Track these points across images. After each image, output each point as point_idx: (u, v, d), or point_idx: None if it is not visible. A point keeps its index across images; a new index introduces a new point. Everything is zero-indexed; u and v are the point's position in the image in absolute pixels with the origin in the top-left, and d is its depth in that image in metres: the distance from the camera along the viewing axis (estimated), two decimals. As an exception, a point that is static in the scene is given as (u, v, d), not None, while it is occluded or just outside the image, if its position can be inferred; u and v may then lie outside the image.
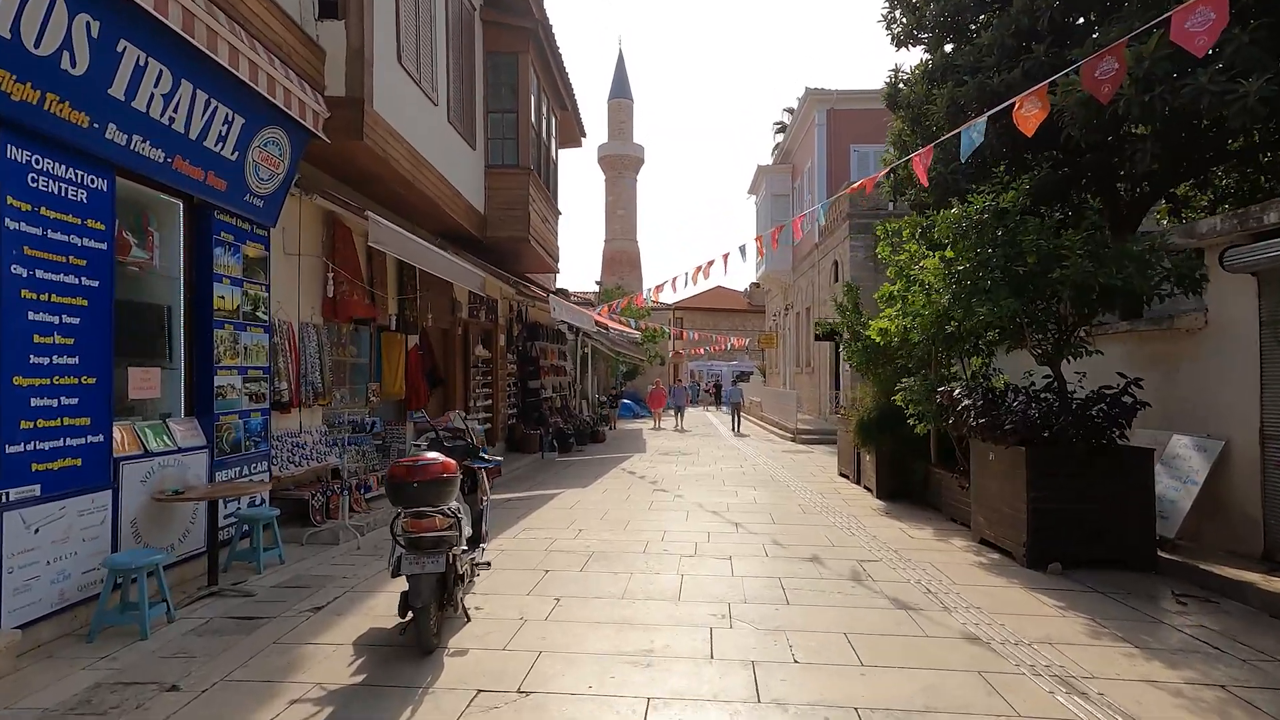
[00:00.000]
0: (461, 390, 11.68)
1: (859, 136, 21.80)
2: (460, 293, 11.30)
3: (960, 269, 5.78)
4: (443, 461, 3.70)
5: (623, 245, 48.06)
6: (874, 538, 6.68)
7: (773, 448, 16.15)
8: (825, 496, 9.16)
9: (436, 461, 3.68)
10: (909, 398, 7.60)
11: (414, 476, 3.59)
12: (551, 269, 14.37)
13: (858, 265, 17.77)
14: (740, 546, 6.31)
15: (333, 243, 7.49)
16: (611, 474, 11.50)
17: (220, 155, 5.32)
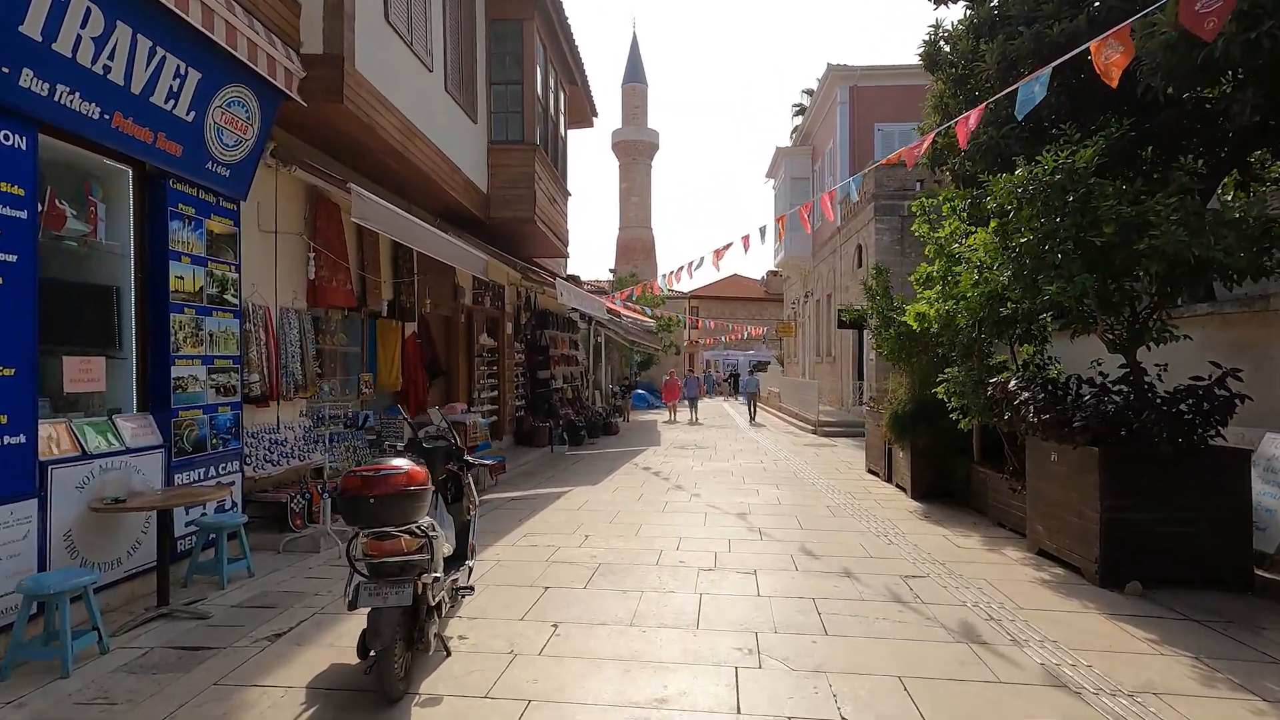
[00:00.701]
0: (465, 381, 11.04)
1: (884, 115, 20.83)
2: (463, 278, 10.64)
3: (1022, 241, 5.00)
4: (408, 471, 3.03)
5: (637, 233, 47.24)
6: (915, 547, 5.95)
7: (793, 440, 15.40)
8: (855, 496, 8.43)
9: (400, 471, 3.01)
10: (952, 390, 6.83)
11: (371, 489, 2.92)
12: (561, 253, 13.67)
13: (884, 249, 16.89)
14: (765, 557, 5.61)
15: (315, 220, 6.84)
16: (623, 470, 10.83)
17: (173, 115, 4.66)
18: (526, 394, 14.35)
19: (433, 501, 3.96)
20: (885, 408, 8.80)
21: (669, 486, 9.17)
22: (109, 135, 4.26)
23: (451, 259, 8.05)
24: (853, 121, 21.02)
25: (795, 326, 28.64)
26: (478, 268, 9.03)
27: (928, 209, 8.30)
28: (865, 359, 18.19)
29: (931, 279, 7.99)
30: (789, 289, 30.98)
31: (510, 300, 13.19)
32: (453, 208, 9.67)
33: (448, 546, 3.63)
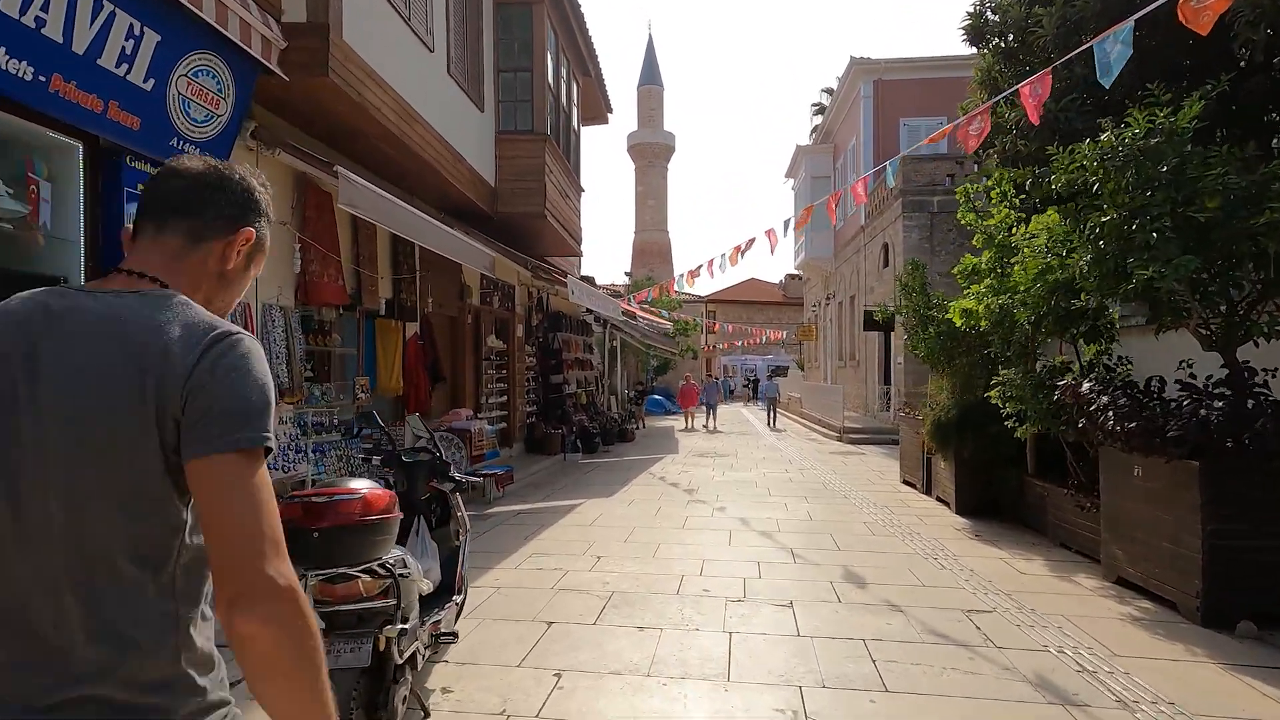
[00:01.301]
0: (472, 385, 10.45)
1: (910, 109, 20.05)
2: (470, 276, 10.07)
3: (1103, 221, 4.28)
4: (366, 496, 2.40)
5: (653, 236, 46.68)
6: (972, 573, 5.23)
7: (818, 448, 14.64)
8: (892, 511, 7.69)
9: (355, 496, 2.38)
10: (1007, 394, 6.10)
11: (317, 519, 2.30)
12: (573, 251, 13.06)
13: (912, 247, 16.10)
14: (802, 585, 4.92)
15: (304, 210, 6.28)
16: (640, 480, 10.17)
17: (127, 82, 4.10)
18: (538, 399, 13.75)
19: (414, 527, 3.34)
20: (925, 414, 8.06)
21: (689, 499, 8.50)
22: (47, 101, 3.69)
23: (454, 254, 7.46)
24: (877, 116, 20.27)
25: (816, 330, 27.83)
26: (484, 264, 8.45)
27: (973, 195, 7.59)
28: (892, 362, 17.39)
29: (979, 272, 7.28)
30: (809, 291, 30.19)
31: (521, 301, 12.61)
32: (458, 201, 9.11)
33: (426, 583, 2.99)
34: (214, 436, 0.84)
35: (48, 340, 0.86)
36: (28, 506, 0.84)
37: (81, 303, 0.89)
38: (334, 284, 6.46)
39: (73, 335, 0.86)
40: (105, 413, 0.84)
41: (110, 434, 0.84)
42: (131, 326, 0.86)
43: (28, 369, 0.85)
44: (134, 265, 0.95)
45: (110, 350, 0.85)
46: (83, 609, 0.84)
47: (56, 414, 0.84)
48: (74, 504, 0.84)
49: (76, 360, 0.85)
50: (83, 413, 0.84)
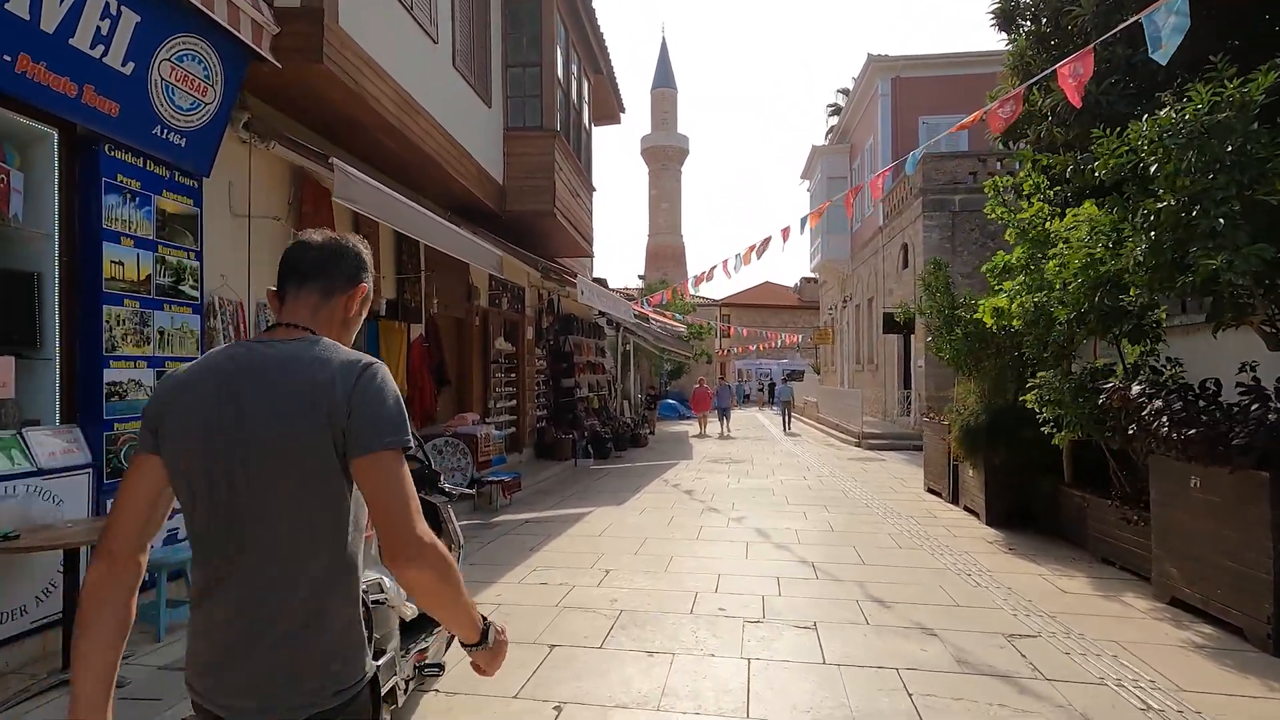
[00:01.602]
0: (479, 389, 10.18)
1: (929, 107, 19.60)
2: (478, 277, 9.81)
3: (1160, 207, 3.89)
4: None
5: (667, 239, 46.37)
6: (1010, 591, 4.83)
7: (835, 454, 14.22)
8: (918, 521, 7.30)
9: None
10: (1045, 397, 5.70)
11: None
12: (584, 252, 12.77)
13: (933, 247, 15.65)
14: (825, 604, 4.56)
15: (301, 205, 6.03)
16: (652, 487, 9.83)
17: (104, 65, 3.85)
18: (549, 403, 13.47)
19: None
20: (952, 419, 7.66)
21: (703, 508, 8.15)
22: (14, 83, 3.45)
23: (460, 253, 7.18)
24: (895, 115, 19.84)
25: (833, 333, 27.36)
26: (491, 264, 8.16)
27: (1002, 189, 7.20)
28: (913, 365, 16.92)
29: (1011, 269, 6.88)
30: (825, 294, 29.72)
31: (531, 303, 12.34)
32: (465, 200, 8.85)
33: (409, 608, 2.68)
34: (371, 440, 1.11)
35: (243, 380, 1.15)
36: (242, 502, 1.14)
37: (263, 351, 1.18)
38: (332, 283, 6.19)
39: (263, 373, 1.14)
40: (293, 424, 1.12)
41: (301, 441, 1.12)
42: (303, 364, 1.15)
43: (234, 401, 1.14)
44: (289, 319, 1.24)
45: (291, 382, 1.13)
46: (279, 568, 1.15)
47: (259, 428, 1.13)
48: (275, 492, 1.13)
49: (269, 390, 1.13)
50: (277, 426, 1.12)
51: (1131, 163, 4.23)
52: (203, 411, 1.15)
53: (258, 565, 1.14)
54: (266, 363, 1.16)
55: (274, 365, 1.16)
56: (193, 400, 1.16)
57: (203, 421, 1.14)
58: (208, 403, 1.15)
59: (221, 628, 1.15)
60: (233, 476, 1.13)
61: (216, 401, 1.15)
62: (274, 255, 5.72)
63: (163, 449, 1.17)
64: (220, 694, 1.14)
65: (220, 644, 1.15)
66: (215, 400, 1.15)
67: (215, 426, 1.14)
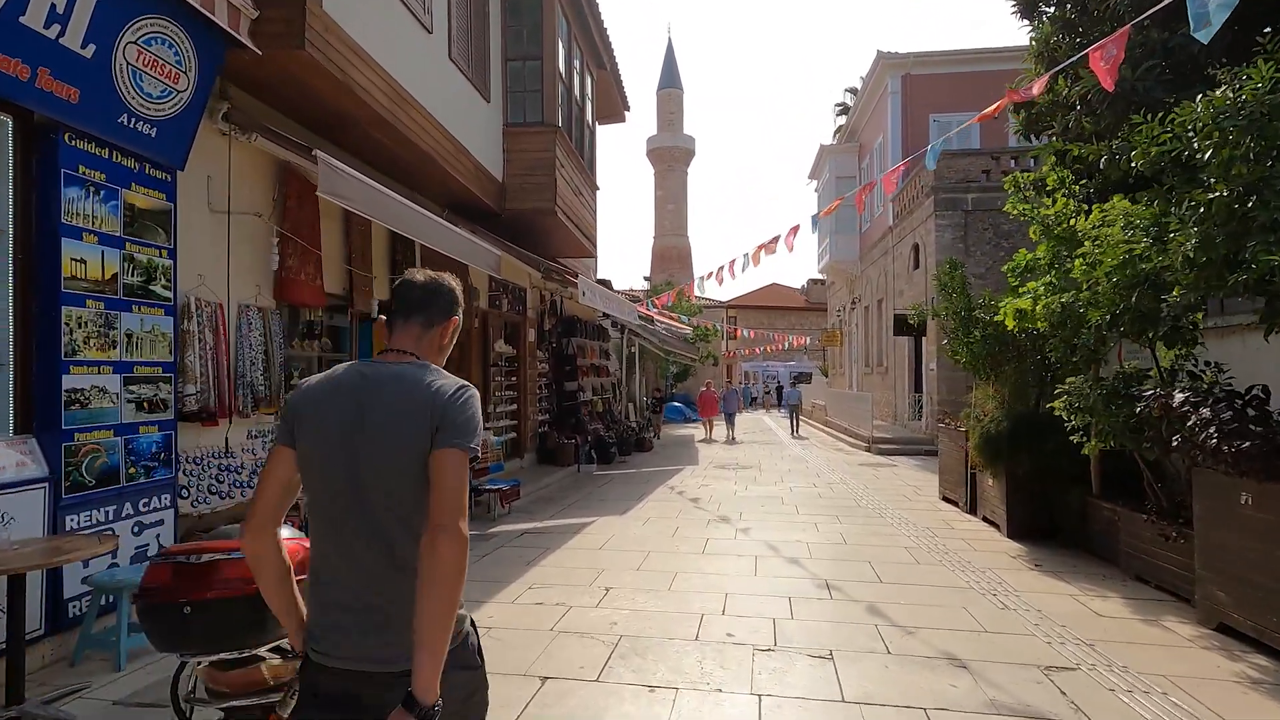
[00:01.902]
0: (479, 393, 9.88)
1: (939, 104, 19.23)
2: (476, 278, 9.50)
3: (1211, 198, 3.54)
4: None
5: (673, 241, 46.06)
6: (1040, 614, 4.48)
7: (845, 460, 13.85)
8: (935, 534, 6.94)
9: (250, 553, 1.75)
10: (1075, 404, 5.34)
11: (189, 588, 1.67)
12: (587, 252, 12.45)
13: (945, 247, 15.28)
14: (841, 629, 4.22)
15: (285, 201, 5.74)
16: (657, 494, 9.50)
17: (60, 46, 3.57)
18: (551, 407, 13.16)
19: None
20: (970, 425, 7.30)
21: (709, 518, 7.81)
22: (-45, 63, 3.17)
23: (456, 252, 6.87)
24: (905, 112, 19.47)
25: (841, 335, 26.96)
26: (489, 264, 7.85)
27: (1023, 184, 6.85)
28: (924, 369, 16.54)
29: (1033, 268, 6.54)
30: (833, 296, 29.33)
31: (532, 304, 12.04)
32: (462, 198, 8.56)
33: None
34: (446, 440, 1.40)
35: (366, 393, 1.45)
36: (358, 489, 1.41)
37: (381, 370, 1.49)
38: (311, 283, 5.89)
39: (382, 388, 1.45)
40: (404, 431, 1.41)
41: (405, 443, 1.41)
42: (412, 383, 1.46)
43: (359, 409, 1.43)
44: (398, 345, 1.55)
45: (403, 397, 1.44)
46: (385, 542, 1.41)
47: (375, 428, 1.42)
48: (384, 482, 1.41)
49: (387, 401, 1.44)
50: (390, 427, 1.41)
51: (1176, 151, 3.88)
52: (334, 414, 1.44)
53: (368, 536, 1.41)
54: (384, 378, 1.46)
55: (389, 381, 1.46)
56: (324, 404, 1.46)
57: (335, 421, 1.43)
58: (337, 407, 1.44)
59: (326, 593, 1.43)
60: (356, 464, 1.41)
61: (344, 406, 1.44)
62: (256, 254, 5.45)
63: (298, 442, 1.46)
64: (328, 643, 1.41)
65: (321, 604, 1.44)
66: (343, 405, 1.44)
67: (343, 425, 1.43)
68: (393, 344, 1.55)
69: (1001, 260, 15.78)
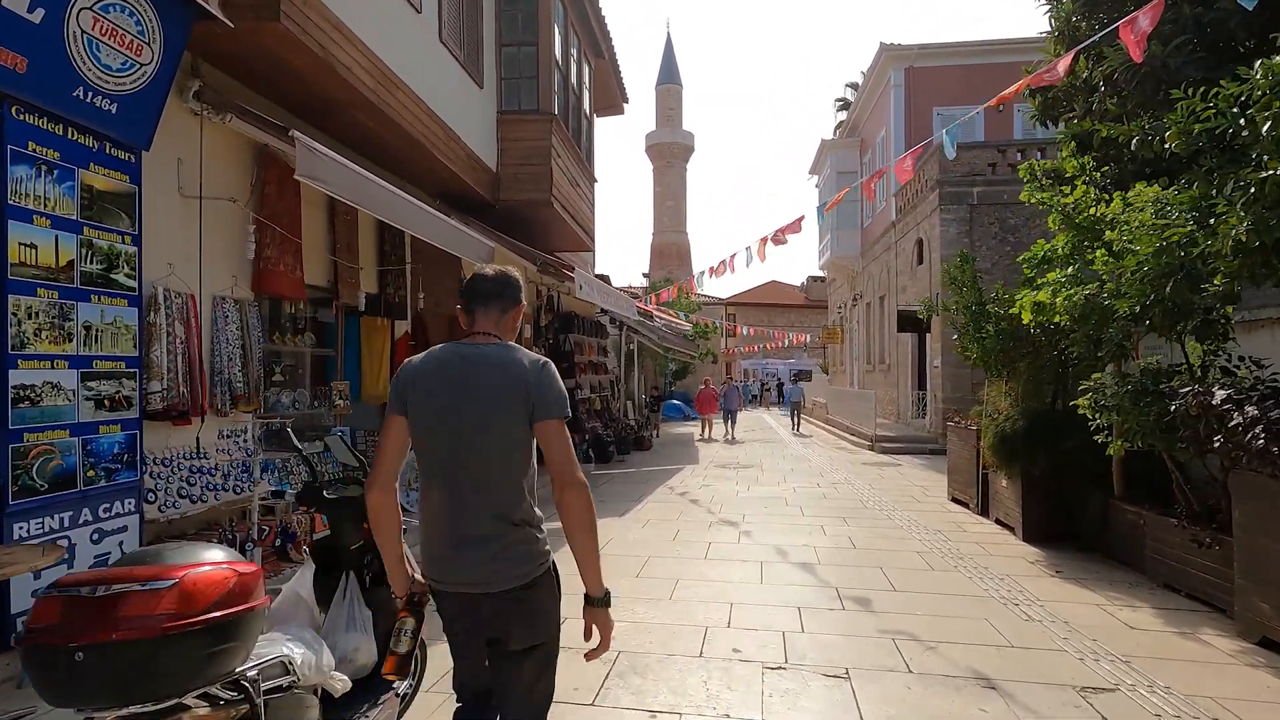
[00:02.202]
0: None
1: (944, 98, 18.92)
2: (470, 271, 9.19)
3: (1265, 176, 3.24)
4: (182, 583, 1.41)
5: (672, 238, 45.76)
6: (1068, 626, 4.19)
7: (849, 458, 13.57)
8: (947, 537, 6.65)
9: (163, 584, 1.40)
10: (1101, 402, 5.05)
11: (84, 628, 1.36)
12: (584, 245, 12.14)
13: (950, 241, 14.98)
14: (857, 644, 3.92)
15: (264, 187, 5.42)
16: (656, 495, 9.20)
17: (2, 8, 3.25)
18: (549, 405, 12.84)
19: (341, 588, 2.43)
20: (984, 424, 7.01)
21: (711, 520, 7.51)
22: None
23: (446, 243, 6.57)
24: (908, 106, 19.16)
25: (842, 332, 26.68)
26: (481, 255, 7.54)
27: (1039, 172, 6.55)
28: (928, 366, 16.25)
29: (1052, 259, 6.24)
30: (834, 293, 29.04)
31: (529, 300, 11.72)
32: (455, 188, 8.25)
33: (341, 679, 2.07)
34: (546, 412, 1.69)
35: (466, 370, 1.72)
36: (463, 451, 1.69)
37: (475, 350, 1.76)
38: (290, 274, 5.57)
39: (478, 365, 1.72)
40: (502, 404, 1.68)
41: (504, 413, 1.68)
42: (501, 360, 1.73)
43: (462, 383, 1.70)
44: (482, 329, 1.83)
45: (496, 372, 1.71)
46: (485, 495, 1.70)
47: (475, 405, 1.69)
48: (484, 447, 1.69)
49: (483, 377, 1.70)
50: (490, 406, 1.68)
51: (1220, 128, 3.58)
52: (441, 387, 1.73)
53: (474, 491, 1.70)
54: (478, 357, 1.75)
55: (482, 359, 1.74)
56: (431, 379, 1.74)
57: (443, 393, 1.72)
58: (443, 381, 1.73)
59: (441, 535, 1.73)
60: (460, 428, 1.69)
61: (448, 380, 1.73)
62: (231, 242, 5.13)
63: (409, 412, 1.75)
64: (445, 574, 1.74)
65: (440, 545, 1.73)
66: (448, 379, 1.73)
67: (449, 396, 1.71)
68: (478, 328, 1.84)
69: (1008, 255, 15.53)
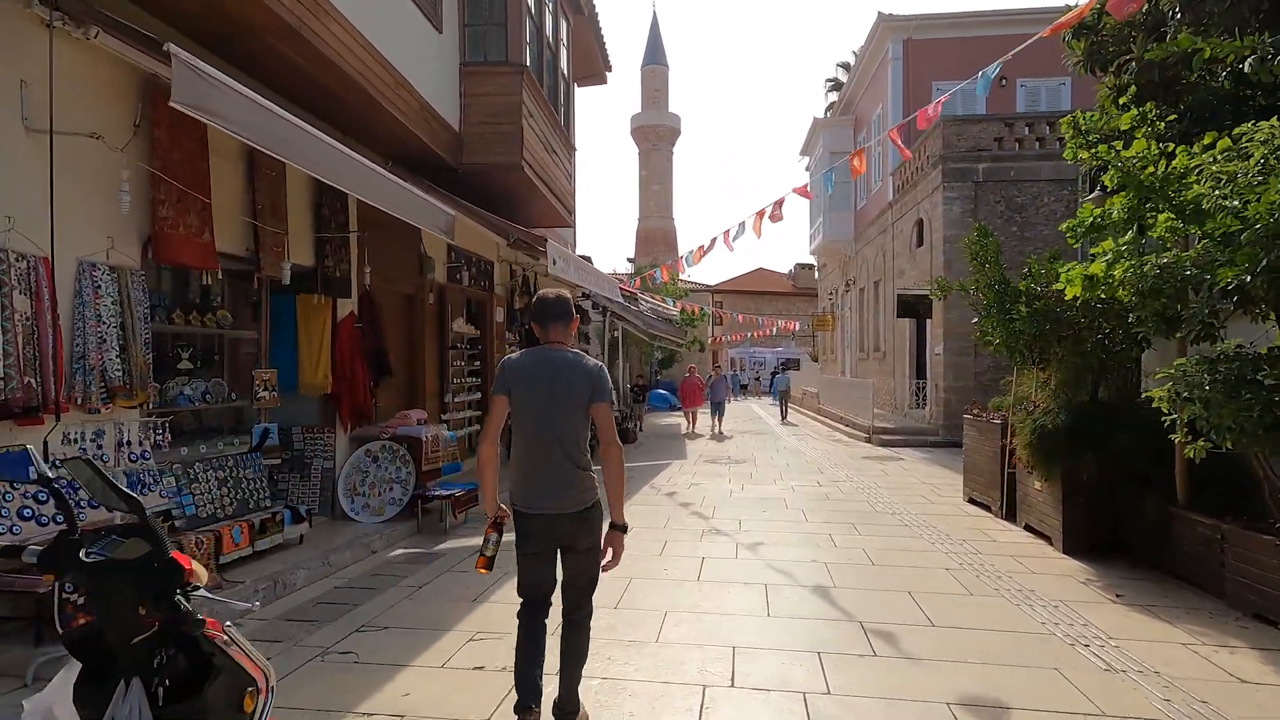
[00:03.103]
0: (433, 381, 8.55)
1: (943, 71, 17.97)
2: (432, 244, 8.15)
3: None
4: None
5: (658, 223, 44.69)
6: (1160, 678, 3.29)
7: (846, 451, 12.73)
8: (977, 549, 5.77)
9: None
10: (1183, 393, 4.14)
11: None
12: (564, 221, 11.08)
13: (953, 222, 14.12)
14: (902, 712, 3.00)
15: (152, 128, 4.36)
16: (640, 496, 8.27)
17: None
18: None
19: (119, 697, 1.45)
20: (1018, 418, 6.11)
21: (703, 528, 6.58)
22: None
23: (394, 206, 5.48)
24: (906, 80, 18.21)
25: (833, 319, 25.85)
26: (440, 225, 6.48)
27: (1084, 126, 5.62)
28: (928, 353, 15.42)
29: (1103, 225, 5.33)
30: (826, 279, 28.19)
31: (501, 280, 10.69)
32: (414, 150, 7.20)
33: None
34: (598, 396, 2.66)
35: (553, 367, 2.66)
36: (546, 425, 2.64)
37: (555, 355, 2.70)
38: (195, 239, 4.53)
39: (562, 366, 2.66)
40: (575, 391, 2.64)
41: (576, 397, 2.64)
42: (574, 362, 2.69)
43: (549, 379, 2.64)
44: (557, 339, 2.75)
45: (575, 370, 2.66)
46: (563, 450, 2.64)
47: (559, 391, 2.64)
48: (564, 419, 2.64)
49: (565, 374, 2.65)
50: (567, 392, 2.64)
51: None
52: (536, 377, 2.65)
53: (553, 446, 2.64)
54: (560, 359, 2.69)
55: (563, 361, 2.69)
56: (529, 372, 2.67)
57: (539, 382, 2.65)
58: (538, 373, 2.66)
59: (533, 476, 2.66)
60: (551, 408, 2.64)
61: (541, 373, 2.65)
62: (99, 191, 4.03)
63: (512, 394, 2.67)
64: (534, 503, 2.66)
65: (532, 482, 2.66)
66: (541, 372, 2.65)
67: (542, 385, 2.65)
68: (552, 338, 2.77)
69: (1014, 235, 14.62)
